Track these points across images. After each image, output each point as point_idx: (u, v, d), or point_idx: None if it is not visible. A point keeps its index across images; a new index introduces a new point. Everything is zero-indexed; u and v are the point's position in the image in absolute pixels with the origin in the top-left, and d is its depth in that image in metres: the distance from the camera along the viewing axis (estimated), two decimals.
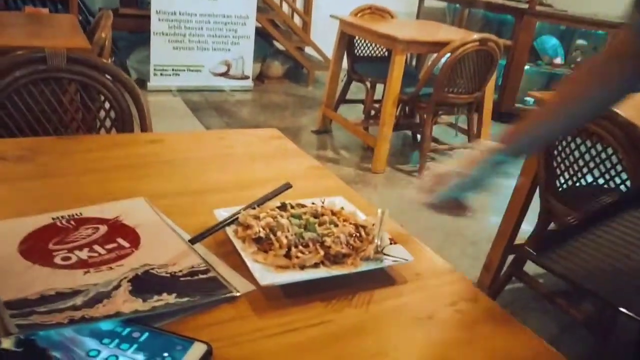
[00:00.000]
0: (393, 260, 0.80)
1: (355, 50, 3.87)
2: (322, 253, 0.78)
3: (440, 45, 3.15)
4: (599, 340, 1.88)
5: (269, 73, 5.19)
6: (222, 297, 0.71)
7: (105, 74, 1.58)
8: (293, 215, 0.85)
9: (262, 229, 0.81)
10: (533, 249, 0.85)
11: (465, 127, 3.61)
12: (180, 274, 0.75)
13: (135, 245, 0.80)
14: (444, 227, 2.81)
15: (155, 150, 1.17)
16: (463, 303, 0.77)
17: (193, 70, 4.58)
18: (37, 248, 0.77)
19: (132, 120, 1.61)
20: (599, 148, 1.79)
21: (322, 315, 0.71)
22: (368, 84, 3.85)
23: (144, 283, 0.72)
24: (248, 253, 0.78)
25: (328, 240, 0.79)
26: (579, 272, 0.77)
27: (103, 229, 0.84)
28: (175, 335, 0.62)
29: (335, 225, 0.83)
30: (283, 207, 0.88)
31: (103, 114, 1.62)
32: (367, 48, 3.90)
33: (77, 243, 0.79)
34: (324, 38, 4.87)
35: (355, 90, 4.07)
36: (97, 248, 0.78)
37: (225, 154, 1.19)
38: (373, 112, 3.95)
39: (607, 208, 0.91)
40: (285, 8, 5.30)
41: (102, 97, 1.58)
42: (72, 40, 2.12)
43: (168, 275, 0.74)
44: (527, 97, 4.62)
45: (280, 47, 5.34)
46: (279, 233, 0.80)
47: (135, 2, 4.69)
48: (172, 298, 0.69)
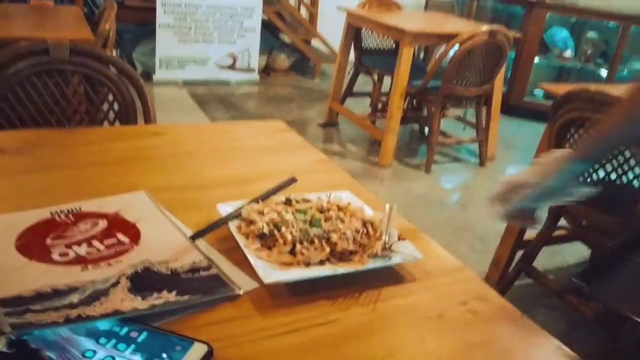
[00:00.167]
0: (402, 258, 0.77)
1: (363, 43, 3.83)
2: (328, 250, 0.75)
3: (449, 37, 3.11)
4: (610, 338, 1.85)
5: (275, 66, 5.16)
6: (224, 295, 0.69)
7: (109, 66, 1.56)
8: (298, 211, 0.82)
9: (266, 225, 0.78)
10: (584, 282, 0.84)
11: (474, 120, 3.57)
12: (181, 271, 0.72)
13: (135, 241, 0.78)
14: (452, 222, 2.77)
15: (158, 143, 1.14)
16: (474, 302, 0.74)
17: (199, 63, 4.55)
18: (34, 243, 0.75)
19: (136, 113, 1.59)
20: None
21: (327, 315, 0.68)
22: (375, 77, 3.82)
23: (144, 280, 0.69)
24: (251, 249, 0.75)
25: (334, 237, 0.76)
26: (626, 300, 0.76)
27: (102, 224, 0.81)
28: (175, 335, 0.60)
29: (342, 221, 0.81)
30: (288, 202, 0.85)
31: (106, 107, 1.60)
32: (374, 40, 3.86)
33: (75, 238, 0.77)
34: (331, 30, 4.82)
35: (362, 83, 4.03)
36: (95, 244, 0.76)
37: (229, 147, 1.17)
38: (380, 105, 3.91)
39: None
40: (292, 0, 5.26)
41: (105, 89, 1.56)
42: (75, 32, 2.10)
43: (168, 272, 0.72)
44: (536, 90, 4.57)
45: (287, 39, 5.30)
46: (284, 229, 0.77)
47: None
48: (172, 296, 0.66)
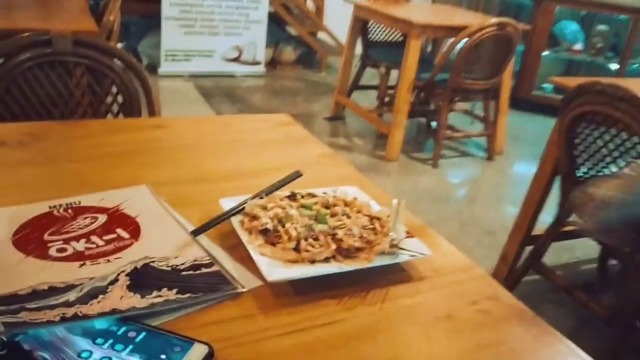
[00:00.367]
0: (410, 255, 0.74)
1: (370, 35, 3.79)
2: (333, 247, 0.73)
3: (457, 30, 3.07)
4: (619, 335, 1.83)
5: (281, 58, 5.12)
6: (225, 293, 0.66)
7: (113, 58, 1.54)
8: (303, 206, 0.79)
9: (269, 220, 0.76)
10: None
11: (482, 114, 3.54)
12: (182, 267, 0.70)
13: (136, 237, 0.76)
14: (459, 217, 2.75)
15: (160, 136, 1.12)
16: (485, 302, 0.72)
17: (204, 56, 4.52)
18: (31, 238, 0.73)
19: (140, 105, 1.57)
20: (624, 137, 1.72)
21: (332, 314, 0.66)
22: (382, 70, 3.78)
23: (143, 277, 0.67)
24: (254, 246, 0.73)
25: (340, 233, 0.74)
26: None
27: (102, 219, 0.79)
28: (174, 335, 0.58)
29: (348, 217, 0.78)
30: (292, 196, 0.82)
31: (110, 99, 1.58)
32: (381, 33, 3.82)
33: (74, 233, 0.75)
34: (338, 23, 4.79)
35: (369, 76, 3.99)
36: (94, 239, 0.74)
37: (233, 140, 1.14)
38: (387, 98, 3.88)
39: None
40: None
41: (109, 81, 1.54)
42: (79, 23, 2.07)
43: (169, 269, 0.69)
44: (545, 84, 4.52)
45: (293, 32, 5.26)
46: (288, 225, 0.75)
47: None
48: (172, 294, 0.64)
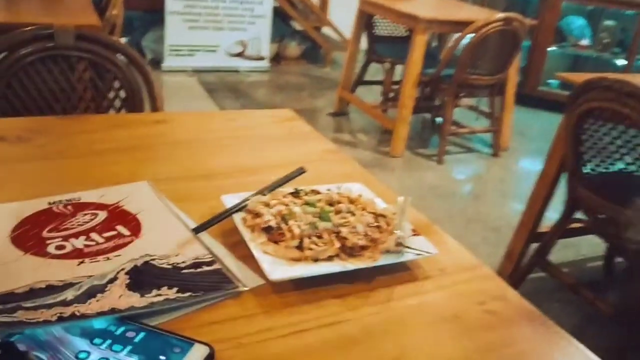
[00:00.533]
0: (416, 254, 0.73)
1: (375, 30, 3.77)
2: (337, 245, 0.71)
3: (463, 25, 3.05)
4: (626, 333, 1.81)
5: (286, 54, 5.10)
6: (227, 292, 0.65)
7: (115, 53, 1.53)
8: (307, 203, 0.78)
9: (272, 218, 0.74)
10: None
11: (487, 110, 3.51)
12: (183, 265, 0.69)
13: (136, 233, 0.74)
14: (464, 213, 2.73)
15: (161, 131, 1.10)
16: (492, 302, 0.70)
17: (208, 51, 4.51)
18: (30, 235, 0.71)
19: (142, 100, 1.56)
20: (632, 133, 1.70)
21: (336, 314, 0.64)
22: (387, 65, 3.75)
23: (143, 275, 0.66)
24: (257, 244, 0.71)
25: (344, 231, 0.72)
26: None
27: (102, 215, 0.78)
28: (174, 336, 0.56)
29: (353, 214, 0.76)
30: (296, 193, 0.81)
31: (113, 95, 1.57)
32: (386, 27, 3.79)
33: (73, 230, 0.73)
34: (343, 17, 4.76)
35: (374, 71, 3.97)
36: (94, 236, 0.72)
37: (235, 136, 1.13)
38: (392, 94, 3.85)
39: None
40: None
41: (111, 76, 1.53)
42: (82, 18, 2.06)
43: (170, 267, 0.68)
44: (551, 79, 4.48)
45: (298, 27, 5.24)
46: (291, 222, 0.73)
47: None
48: (172, 293, 0.63)
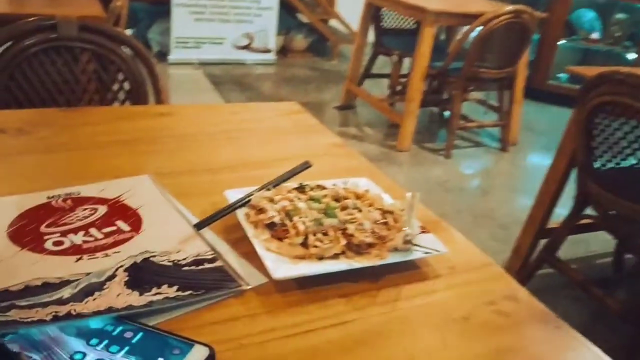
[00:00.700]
0: (425, 252, 0.70)
1: (382, 23, 3.73)
2: (343, 242, 0.69)
3: (472, 17, 3.01)
4: (634, 331, 1.78)
5: (292, 46, 5.07)
6: (229, 291, 0.63)
7: (119, 44, 1.51)
8: (312, 199, 0.75)
9: (276, 214, 0.72)
10: None
11: (496, 104, 3.47)
12: (184, 262, 0.67)
13: (136, 229, 0.72)
14: (472, 209, 2.70)
15: (165, 124, 1.08)
16: (503, 302, 0.67)
17: (215, 43, 4.48)
18: (27, 231, 0.69)
19: (147, 93, 1.54)
20: None
21: (342, 315, 0.62)
22: (395, 58, 3.72)
23: (143, 273, 0.64)
24: (260, 240, 0.69)
25: (351, 228, 0.70)
26: None
27: (102, 210, 0.76)
28: (173, 336, 0.54)
29: (359, 211, 0.74)
30: (301, 188, 0.78)
31: (117, 87, 1.55)
32: (394, 20, 3.75)
33: (72, 225, 0.71)
34: (350, 10, 4.72)
35: (381, 64, 3.93)
36: (93, 232, 0.70)
37: (240, 129, 1.10)
38: (399, 87, 3.82)
39: None
40: None
41: (115, 67, 1.51)
42: (86, 9, 2.04)
43: (170, 264, 0.66)
44: (560, 73, 4.43)
45: (304, 19, 5.20)
46: (296, 218, 0.71)
47: None
48: (172, 291, 0.61)
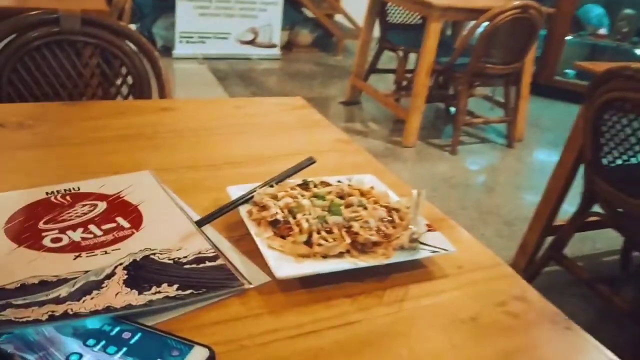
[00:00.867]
0: (432, 251, 0.68)
1: (388, 18, 3.70)
2: (348, 240, 0.67)
3: (478, 13, 2.98)
4: None
5: (297, 41, 5.04)
6: (230, 290, 0.61)
7: (123, 38, 1.49)
8: (316, 195, 0.74)
9: (279, 211, 0.70)
10: None
11: (502, 100, 3.44)
12: (185, 260, 0.65)
13: (136, 226, 0.71)
14: (478, 205, 2.67)
15: (167, 119, 1.07)
16: (513, 303, 0.66)
17: (219, 38, 4.46)
18: (25, 227, 0.68)
19: (150, 87, 1.53)
20: None
21: (347, 315, 0.60)
22: (400, 53, 3.69)
23: (142, 271, 0.62)
24: (263, 238, 0.67)
25: (355, 226, 0.68)
26: None
27: (102, 206, 0.74)
28: (173, 337, 0.53)
29: (364, 208, 0.72)
30: (305, 185, 0.77)
31: (120, 81, 1.53)
32: (400, 15, 3.72)
33: (71, 222, 0.70)
34: (355, 5, 4.69)
35: (387, 60, 3.91)
36: (92, 228, 0.69)
37: (243, 124, 1.09)
38: (405, 82, 3.79)
39: None
40: None
41: (119, 62, 1.50)
42: (89, 2, 2.02)
43: (170, 262, 0.64)
44: (567, 69, 4.39)
45: (309, 14, 5.17)
46: (299, 216, 0.69)
47: None
48: (172, 290, 0.59)
